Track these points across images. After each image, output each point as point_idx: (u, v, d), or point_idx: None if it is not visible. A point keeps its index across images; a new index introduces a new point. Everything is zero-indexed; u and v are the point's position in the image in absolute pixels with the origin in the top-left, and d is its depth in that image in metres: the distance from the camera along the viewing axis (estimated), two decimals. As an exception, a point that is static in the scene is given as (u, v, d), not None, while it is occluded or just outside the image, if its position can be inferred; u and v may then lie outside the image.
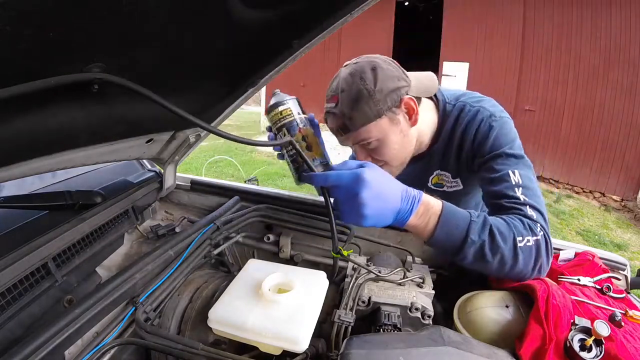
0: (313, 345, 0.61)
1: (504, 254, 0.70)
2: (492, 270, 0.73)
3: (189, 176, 1.17)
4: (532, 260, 0.72)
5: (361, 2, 0.65)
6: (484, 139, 0.90)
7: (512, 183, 0.81)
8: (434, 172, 1.06)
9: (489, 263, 0.71)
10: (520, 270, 0.71)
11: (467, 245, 0.70)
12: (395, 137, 0.88)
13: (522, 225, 0.73)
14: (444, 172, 1.05)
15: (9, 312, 0.63)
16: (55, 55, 0.43)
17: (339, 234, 0.97)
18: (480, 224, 0.71)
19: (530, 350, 0.57)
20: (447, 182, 1.06)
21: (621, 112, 5.06)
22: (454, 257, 0.73)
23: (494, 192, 0.83)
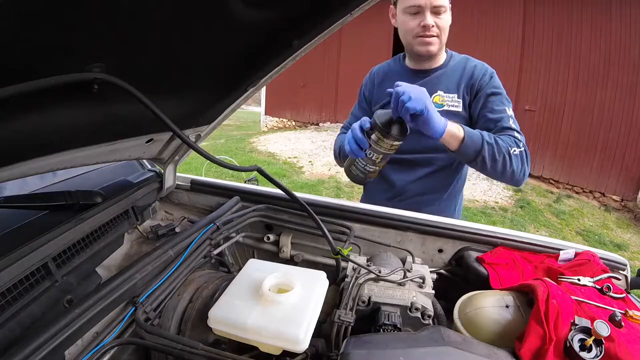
0: (313, 345, 0.61)
1: (505, 155, 1.02)
2: (499, 169, 1.03)
3: (189, 176, 1.17)
4: (520, 164, 1.05)
5: (361, 2, 0.65)
6: (489, 80, 1.21)
7: (508, 115, 1.14)
8: (437, 91, 1.24)
9: (497, 162, 1.01)
10: (514, 170, 1.04)
11: (484, 146, 1.00)
12: (449, 17, 1.16)
13: (511, 140, 1.06)
14: (447, 94, 1.24)
15: (9, 312, 0.62)
16: (55, 55, 0.43)
17: (339, 234, 0.97)
18: (486, 134, 1.03)
19: (530, 350, 0.57)
20: (449, 101, 1.24)
21: (621, 112, 5.05)
22: (477, 156, 1.01)
23: (494, 120, 1.14)
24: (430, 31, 1.14)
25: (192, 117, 0.87)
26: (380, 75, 1.36)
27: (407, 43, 1.22)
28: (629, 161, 5.11)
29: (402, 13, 1.16)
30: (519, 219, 4.57)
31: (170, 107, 0.74)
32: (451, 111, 1.23)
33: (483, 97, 1.20)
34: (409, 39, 1.19)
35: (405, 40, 1.22)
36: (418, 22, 1.13)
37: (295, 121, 9.46)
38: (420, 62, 1.25)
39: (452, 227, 0.97)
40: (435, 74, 1.25)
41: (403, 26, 1.19)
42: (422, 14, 1.12)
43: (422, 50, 1.18)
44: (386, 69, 1.36)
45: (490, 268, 0.85)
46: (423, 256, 0.99)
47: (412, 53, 1.24)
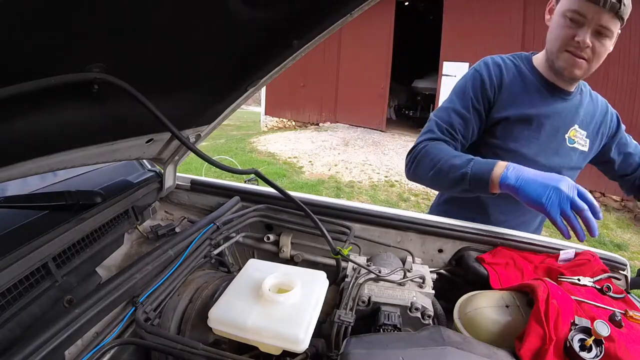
0: (313, 345, 0.61)
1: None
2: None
3: (189, 176, 1.17)
4: None
5: (361, 2, 0.65)
6: (617, 123, 1.20)
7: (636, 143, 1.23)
8: (574, 124, 1.11)
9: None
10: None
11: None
12: (610, 46, 0.98)
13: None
14: (580, 130, 1.12)
15: (9, 312, 0.62)
16: (55, 55, 0.43)
17: (339, 234, 0.97)
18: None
19: (530, 350, 0.57)
20: (580, 139, 1.12)
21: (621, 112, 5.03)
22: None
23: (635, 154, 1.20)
24: (583, 51, 0.96)
25: (192, 117, 0.87)
26: (509, 74, 1.10)
27: (551, 52, 1.03)
28: (629, 161, 5.09)
29: (561, 15, 0.97)
30: (519, 219, 4.55)
31: (170, 107, 0.74)
32: (579, 150, 1.12)
33: (617, 140, 1.18)
34: (555, 48, 1.01)
35: (550, 48, 1.03)
36: (574, 33, 0.95)
37: (295, 121, 9.46)
38: (560, 78, 1.06)
39: (452, 227, 0.97)
40: (575, 100, 1.10)
41: (555, 30, 1.00)
42: (583, 28, 0.93)
43: (565, 68, 1.00)
44: (514, 69, 1.11)
45: (490, 268, 0.85)
46: (423, 256, 0.99)
47: (552, 65, 1.05)
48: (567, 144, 1.11)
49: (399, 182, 5.47)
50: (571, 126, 1.10)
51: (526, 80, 1.09)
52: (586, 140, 1.13)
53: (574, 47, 0.97)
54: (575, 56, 0.98)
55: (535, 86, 1.08)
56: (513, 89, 1.08)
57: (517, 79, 1.09)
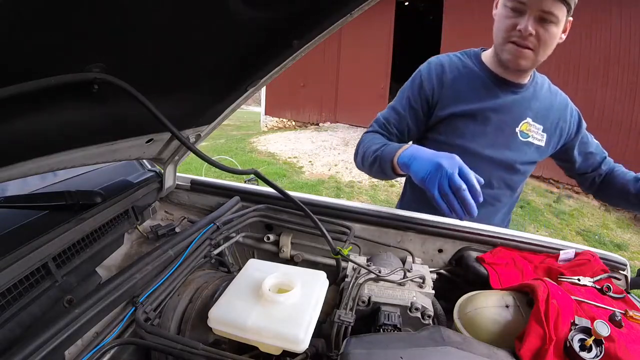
0: (313, 345, 0.61)
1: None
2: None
3: (189, 176, 1.17)
4: None
5: (361, 2, 0.65)
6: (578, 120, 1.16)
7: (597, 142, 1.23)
8: (526, 118, 1.08)
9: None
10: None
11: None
12: (558, 33, 0.96)
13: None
14: (535, 123, 1.09)
15: (9, 312, 0.62)
16: (56, 55, 0.43)
17: (339, 234, 0.97)
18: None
19: (530, 350, 0.57)
20: (535, 132, 1.09)
21: (621, 112, 5.05)
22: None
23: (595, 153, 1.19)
24: (526, 40, 0.93)
25: (192, 117, 0.87)
26: (453, 71, 1.09)
27: (496, 46, 1.02)
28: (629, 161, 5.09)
29: (502, 6, 0.96)
30: (519, 219, 4.57)
31: (170, 107, 0.74)
32: (534, 145, 1.10)
33: (579, 138, 1.15)
34: (499, 40, 0.99)
35: (495, 40, 1.02)
36: (515, 22, 0.92)
37: (295, 121, 9.46)
38: (508, 71, 1.05)
39: (452, 227, 0.97)
40: (527, 93, 1.07)
41: (497, 22, 0.99)
42: (524, 15, 0.90)
43: (510, 60, 0.98)
44: (459, 65, 1.10)
45: (490, 268, 0.85)
46: (423, 256, 0.99)
47: (499, 59, 1.03)
48: (519, 138, 1.08)
49: (399, 182, 5.47)
50: (522, 119, 1.08)
51: (472, 75, 1.08)
52: (543, 134, 1.10)
53: (517, 37, 0.94)
54: (519, 46, 0.95)
55: (482, 81, 1.07)
56: (457, 85, 1.08)
57: (463, 75, 1.09)
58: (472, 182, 0.78)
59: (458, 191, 0.77)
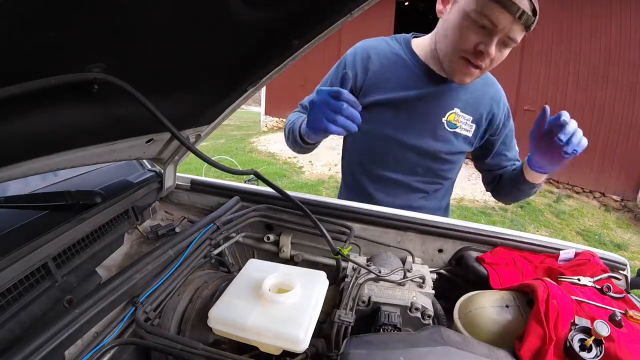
0: (313, 345, 0.61)
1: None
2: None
3: (189, 176, 1.17)
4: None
5: (361, 2, 0.65)
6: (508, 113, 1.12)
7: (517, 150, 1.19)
8: (454, 108, 1.05)
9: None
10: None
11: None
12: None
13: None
14: (463, 114, 1.06)
15: (9, 312, 0.62)
16: (56, 55, 0.43)
17: (339, 234, 0.97)
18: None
19: (530, 350, 0.57)
20: (463, 123, 1.06)
21: (621, 112, 5.05)
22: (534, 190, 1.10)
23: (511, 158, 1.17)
24: (481, 60, 0.88)
25: (192, 117, 0.87)
26: (381, 58, 1.05)
27: (444, 52, 0.93)
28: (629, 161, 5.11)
29: (464, 16, 0.84)
30: (519, 219, 4.57)
31: (170, 107, 0.74)
32: (462, 135, 1.07)
33: (503, 134, 1.12)
34: (449, 49, 0.91)
35: (444, 48, 0.93)
36: (477, 41, 0.85)
37: (295, 121, 9.44)
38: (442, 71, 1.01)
39: (452, 227, 0.97)
40: (455, 84, 1.02)
41: (454, 31, 0.87)
42: (490, 37, 0.83)
43: (456, 74, 0.93)
44: (388, 52, 1.06)
45: (490, 268, 0.85)
46: (423, 256, 0.99)
47: (440, 63, 0.98)
48: (446, 128, 1.06)
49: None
50: (450, 109, 1.05)
51: (400, 63, 1.04)
52: (472, 125, 1.07)
53: (474, 56, 0.87)
54: (471, 65, 0.89)
55: (410, 69, 1.03)
56: (383, 73, 1.04)
57: (390, 62, 1.05)
58: (346, 97, 0.77)
59: (341, 111, 0.77)
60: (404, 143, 1.08)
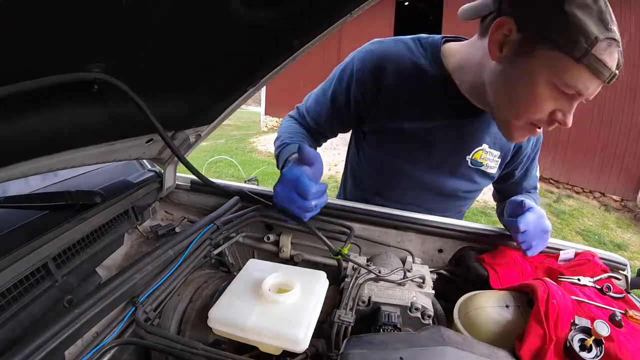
0: (313, 345, 0.61)
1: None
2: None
3: (189, 176, 1.17)
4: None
5: (361, 2, 0.65)
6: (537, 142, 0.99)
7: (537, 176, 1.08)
8: (482, 144, 0.88)
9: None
10: None
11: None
12: None
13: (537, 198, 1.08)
14: (492, 150, 0.89)
15: (9, 312, 0.62)
16: (55, 55, 0.43)
17: (339, 234, 0.97)
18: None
19: (530, 350, 0.57)
20: (490, 160, 0.92)
21: (621, 112, 5.06)
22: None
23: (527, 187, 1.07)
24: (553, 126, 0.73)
25: (192, 117, 0.88)
26: (398, 71, 0.83)
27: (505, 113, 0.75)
28: (629, 161, 5.11)
29: (546, 82, 0.67)
30: (519, 219, 4.56)
31: (170, 107, 0.74)
32: (487, 173, 0.94)
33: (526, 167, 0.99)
34: (515, 113, 0.72)
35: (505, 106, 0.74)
36: (554, 108, 0.69)
37: (295, 121, 9.44)
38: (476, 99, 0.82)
39: (452, 227, 0.97)
40: (485, 117, 0.85)
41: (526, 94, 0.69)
42: (570, 102, 0.69)
43: (514, 137, 0.78)
44: (408, 63, 0.83)
45: (490, 268, 0.85)
46: (423, 256, 0.99)
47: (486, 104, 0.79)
48: (470, 166, 0.92)
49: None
50: (477, 146, 0.88)
51: (423, 81, 0.82)
52: (498, 160, 0.92)
53: (547, 124, 0.72)
54: (536, 129, 0.75)
55: (435, 91, 0.83)
56: (399, 92, 0.84)
57: (410, 78, 0.83)
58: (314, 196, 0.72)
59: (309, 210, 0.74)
60: (417, 178, 0.95)
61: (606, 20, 0.62)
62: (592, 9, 0.61)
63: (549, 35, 0.64)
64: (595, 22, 0.62)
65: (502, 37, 0.69)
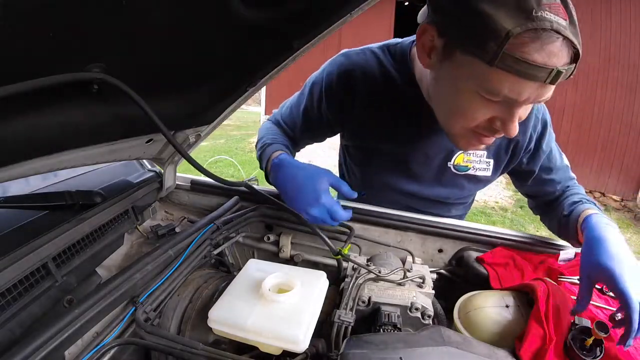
0: (313, 345, 0.61)
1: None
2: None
3: (189, 176, 1.17)
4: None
5: (361, 2, 0.65)
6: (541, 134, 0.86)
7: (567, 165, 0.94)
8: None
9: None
10: None
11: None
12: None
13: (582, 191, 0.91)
14: (474, 151, 0.85)
15: (9, 312, 0.62)
16: (55, 55, 0.43)
17: (339, 234, 0.97)
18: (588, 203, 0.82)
19: (530, 350, 0.57)
20: (476, 162, 0.87)
21: (621, 112, 5.06)
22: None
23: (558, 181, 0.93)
24: (500, 135, 0.68)
25: (192, 117, 0.87)
26: (368, 82, 0.81)
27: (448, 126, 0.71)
28: (629, 161, 5.11)
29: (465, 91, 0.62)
30: (519, 219, 4.57)
31: (170, 107, 0.74)
32: (477, 177, 0.90)
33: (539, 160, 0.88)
34: (456, 126, 0.69)
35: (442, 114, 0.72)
36: (492, 116, 0.63)
37: (295, 121, 9.44)
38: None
39: (452, 227, 0.97)
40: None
41: (454, 103, 0.66)
42: (509, 109, 0.60)
43: (462, 146, 0.74)
44: (377, 73, 0.81)
45: (490, 268, 0.85)
46: (423, 256, 0.99)
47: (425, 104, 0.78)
48: (454, 172, 0.89)
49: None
50: (457, 151, 0.86)
51: (393, 91, 0.79)
52: (488, 161, 0.87)
53: (489, 132, 0.66)
54: (484, 138, 0.69)
55: (404, 101, 0.80)
56: (370, 103, 0.81)
57: (380, 88, 0.80)
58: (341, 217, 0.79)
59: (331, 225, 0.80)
60: (403, 190, 0.95)
61: (529, 7, 0.50)
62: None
63: (460, 38, 0.58)
64: (510, 14, 0.50)
65: (428, 42, 0.64)
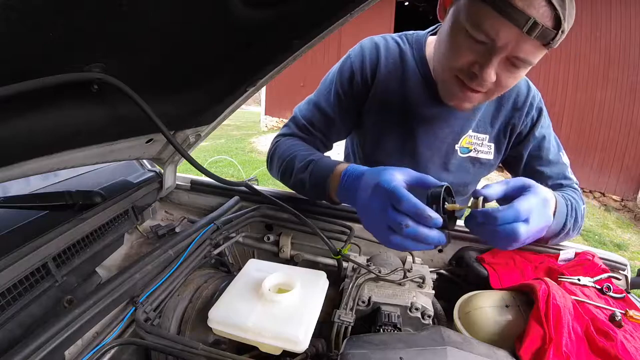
0: (313, 345, 0.61)
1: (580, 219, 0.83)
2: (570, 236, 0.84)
3: (189, 176, 1.17)
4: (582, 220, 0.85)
5: (361, 2, 0.65)
6: (537, 117, 0.88)
7: (565, 164, 0.92)
8: (467, 132, 0.87)
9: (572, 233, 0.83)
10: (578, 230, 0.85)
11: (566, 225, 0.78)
12: (525, 72, 0.72)
13: (578, 196, 0.86)
14: (476, 134, 0.87)
15: (9, 312, 0.62)
16: (55, 55, 0.43)
17: (339, 234, 0.97)
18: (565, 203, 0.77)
19: (530, 350, 0.57)
20: (478, 145, 0.88)
21: (621, 112, 5.06)
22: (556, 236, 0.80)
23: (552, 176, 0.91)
24: (481, 87, 0.70)
25: (192, 117, 0.88)
26: (388, 61, 0.85)
27: (436, 71, 0.78)
28: (629, 161, 5.11)
29: (457, 27, 0.67)
30: (519, 219, 4.56)
31: (170, 107, 0.74)
32: (478, 159, 0.91)
33: (531, 146, 0.89)
34: (441, 68, 0.74)
35: (436, 64, 0.77)
36: (473, 60, 0.67)
37: (295, 121, 9.45)
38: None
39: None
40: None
41: (446, 42, 0.70)
42: (488, 55, 0.65)
43: (451, 99, 0.77)
44: (396, 55, 0.85)
45: (490, 268, 0.85)
46: (423, 256, 0.99)
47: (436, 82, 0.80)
48: (459, 155, 0.90)
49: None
50: (463, 133, 0.87)
51: (407, 73, 0.83)
52: (490, 145, 0.88)
53: (468, 78, 0.69)
54: (467, 88, 0.71)
55: (417, 83, 0.83)
56: (388, 82, 0.84)
57: (397, 69, 0.84)
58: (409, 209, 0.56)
59: (401, 229, 0.57)
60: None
61: None
62: None
63: None
64: None
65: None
